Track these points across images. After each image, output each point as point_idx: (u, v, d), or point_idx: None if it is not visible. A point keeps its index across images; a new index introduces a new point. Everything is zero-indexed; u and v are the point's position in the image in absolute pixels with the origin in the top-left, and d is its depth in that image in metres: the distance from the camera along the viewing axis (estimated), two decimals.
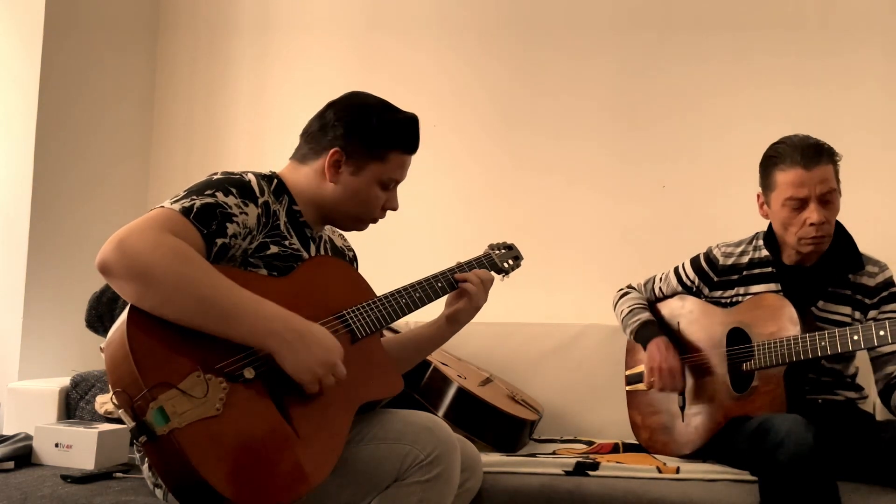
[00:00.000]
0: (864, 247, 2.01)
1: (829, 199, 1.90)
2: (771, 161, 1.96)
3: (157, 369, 1.21)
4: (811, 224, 1.89)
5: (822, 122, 2.55)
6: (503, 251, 1.87)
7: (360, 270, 1.69)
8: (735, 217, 2.29)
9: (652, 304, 2.23)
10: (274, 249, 1.47)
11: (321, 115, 1.60)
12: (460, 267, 1.74)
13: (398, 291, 1.61)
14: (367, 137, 1.56)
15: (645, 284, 2.27)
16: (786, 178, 1.91)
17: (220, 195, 1.40)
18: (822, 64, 2.64)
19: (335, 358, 1.35)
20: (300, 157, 1.60)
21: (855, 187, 2.11)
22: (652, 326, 2.12)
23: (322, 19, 3.03)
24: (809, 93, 2.64)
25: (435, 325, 1.71)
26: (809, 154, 1.88)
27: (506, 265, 1.85)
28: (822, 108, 2.61)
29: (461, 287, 1.67)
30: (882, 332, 1.73)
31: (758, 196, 2.03)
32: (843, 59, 2.63)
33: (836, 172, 1.93)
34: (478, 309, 1.69)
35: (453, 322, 1.69)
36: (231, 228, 1.39)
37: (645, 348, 2.09)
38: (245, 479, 1.21)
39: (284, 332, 1.30)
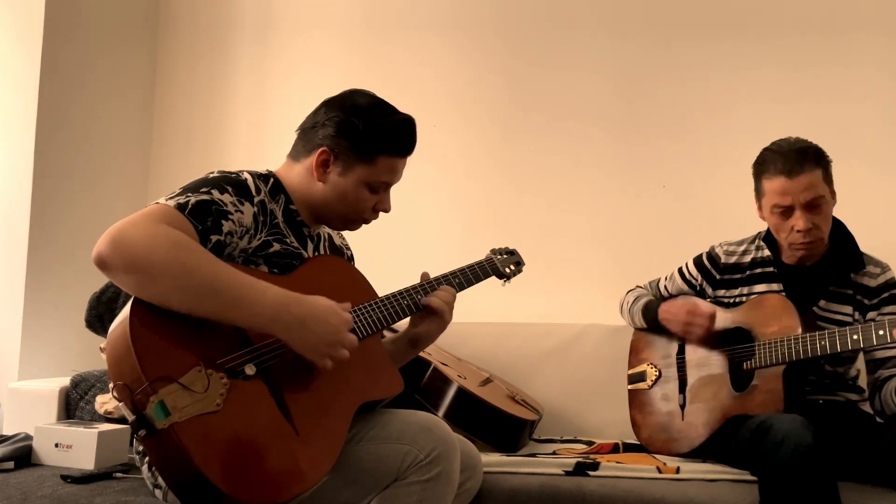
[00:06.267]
0: (865, 249, 2.01)
1: (815, 205, 1.89)
2: (758, 168, 1.97)
3: (158, 363, 1.21)
4: (798, 231, 1.90)
5: (823, 122, 2.56)
6: (505, 256, 1.88)
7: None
8: (736, 217, 2.29)
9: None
10: (276, 247, 1.47)
11: (315, 113, 1.60)
12: (462, 271, 1.75)
13: (400, 293, 1.61)
14: (356, 139, 1.54)
15: (650, 285, 2.28)
16: (771, 185, 1.92)
17: (215, 193, 1.40)
18: (821, 64, 2.64)
19: (340, 335, 1.35)
20: (294, 154, 1.60)
21: (855, 188, 2.11)
22: (656, 301, 2.14)
23: (322, 21, 3.03)
24: (809, 93, 2.64)
25: (400, 343, 1.68)
26: (793, 161, 1.88)
27: (507, 270, 1.87)
28: (823, 109, 2.61)
29: (432, 308, 1.61)
30: (881, 332, 1.73)
31: (755, 199, 2.03)
32: (843, 59, 2.63)
33: (826, 176, 1.91)
34: (441, 332, 1.66)
35: (415, 345, 1.67)
36: (226, 226, 1.39)
37: (658, 321, 2.10)
38: (244, 476, 1.22)
39: (286, 317, 1.30)
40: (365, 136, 1.54)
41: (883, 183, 2.55)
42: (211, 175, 1.46)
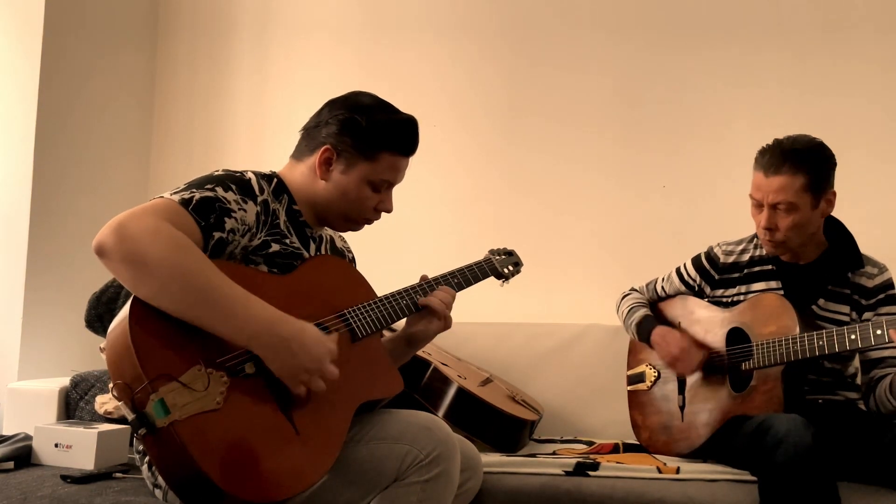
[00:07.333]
0: (863, 248, 2.01)
1: (783, 209, 1.89)
2: (756, 157, 1.98)
3: (158, 362, 1.21)
4: (761, 227, 1.93)
5: (823, 124, 2.55)
6: (503, 257, 1.89)
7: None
8: (735, 216, 2.30)
9: (654, 304, 2.24)
10: (275, 247, 1.47)
11: (318, 112, 1.60)
12: (461, 272, 1.75)
13: (399, 293, 1.62)
14: (358, 136, 1.55)
15: (647, 286, 2.28)
16: (753, 177, 1.95)
17: (219, 190, 1.40)
18: (822, 63, 2.65)
19: (321, 364, 1.33)
20: (298, 153, 1.61)
21: (854, 187, 2.12)
22: (650, 320, 2.13)
23: (322, 21, 3.04)
24: (809, 92, 2.64)
25: (397, 343, 1.67)
26: (775, 161, 1.88)
27: (506, 271, 1.87)
28: (823, 109, 2.61)
29: (431, 308, 1.62)
30: (879, 332, 1.73)
31: None
32: (843, 58, 2.63)
33: (811, 184, 1.87)
34: (438, 332, 1.65)
35: (413, 344, 1.67)
36: (229, 223, 1.39)
37: (649, 343, 2.10)
38: (243, 474, 1.22)
39: (269, 337, 1.29)
40: (367, 133, 1.55)
41: (882, 181, 2.56)
42: (216, 173, 1.47)
